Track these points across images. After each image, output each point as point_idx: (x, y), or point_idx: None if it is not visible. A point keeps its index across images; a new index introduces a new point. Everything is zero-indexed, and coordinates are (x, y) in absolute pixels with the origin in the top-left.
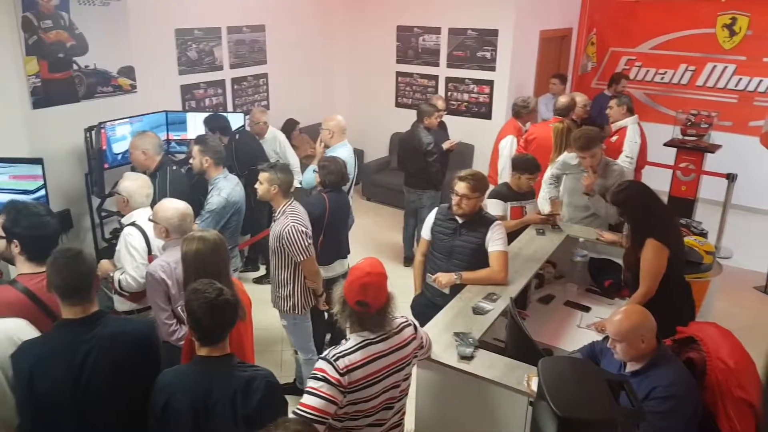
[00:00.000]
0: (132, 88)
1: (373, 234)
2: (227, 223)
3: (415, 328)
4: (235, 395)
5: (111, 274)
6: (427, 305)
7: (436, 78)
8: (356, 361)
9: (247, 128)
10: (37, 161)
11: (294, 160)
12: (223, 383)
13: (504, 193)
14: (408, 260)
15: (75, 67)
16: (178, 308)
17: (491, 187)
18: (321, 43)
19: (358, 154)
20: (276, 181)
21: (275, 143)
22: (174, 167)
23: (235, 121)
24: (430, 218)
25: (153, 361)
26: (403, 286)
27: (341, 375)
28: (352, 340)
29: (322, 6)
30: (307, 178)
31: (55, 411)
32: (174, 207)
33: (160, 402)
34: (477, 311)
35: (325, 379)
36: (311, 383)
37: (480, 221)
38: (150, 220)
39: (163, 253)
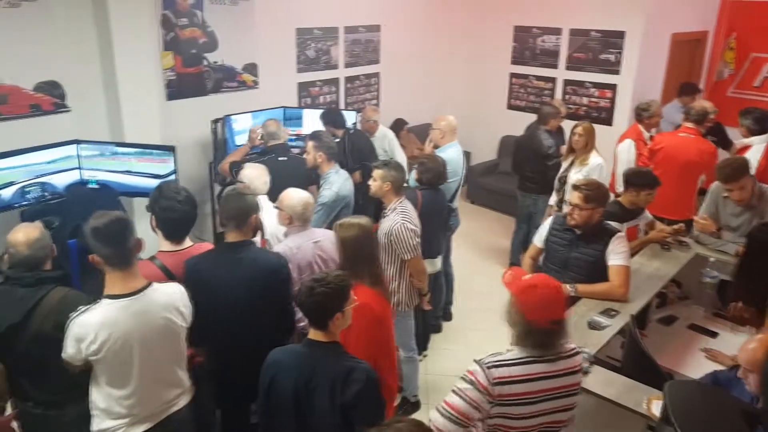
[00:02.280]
0: (254, 84)
1: (476, 238)
2: (337, 216)
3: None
4: (335, 383)
5: None
6: None
7: (553, 80)
8: (513, 375)
9: (359, 126)
10: (170, 149)
11: (402, 159)
12: (325, 369)
13: (618, 214)
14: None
15: (205, 62)
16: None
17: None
18: (433, 43)
19: (465, 155)
20: (389, 178)
21: (384, 141)
22: (280, 158)
23: (347, 118)
24: (545, 227)
25: (278, 287)
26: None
27: (492, 385)
28: (515, 351)
29: (437, 6)
30: (414, 177)
31: (213, 313)
32: (298, 196)
33: (267, 376)
34: (593, 326)
35: (472, 383)
36: (459, 383)
37: (600, 233)
38: (275, 207)
39: (285, 238)
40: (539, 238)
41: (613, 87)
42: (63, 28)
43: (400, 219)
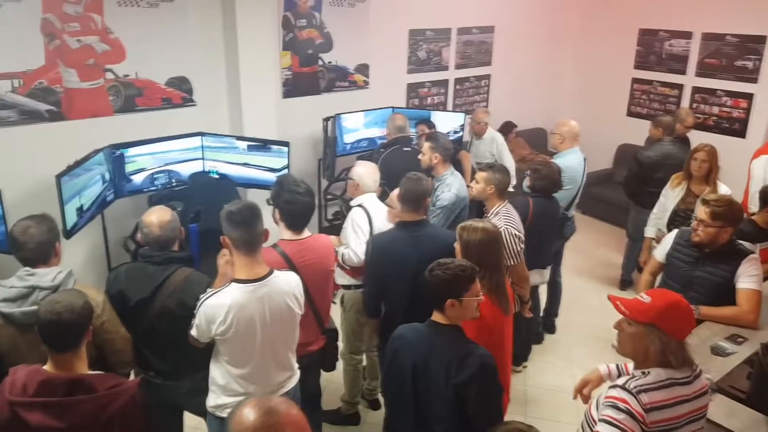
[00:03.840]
0: (365, 84)
1: (585, 250)
2: (456, 218)
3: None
4: (450, 364)
5: (337, 249)
6: None
7: (680, 87)
8: (660, 400)
9: (467, 128)
10: (285, 144)
11: (510, 163)
12: (443, 350)
13: (752, 234)
14: (625, 284)
15: (320, 62)
16: None
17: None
18: (549, 45)
19: (585, 163)
20: (493, 181)
21: (492, 145)
22: (404, 148)
23: (455, 120)
24: (668, 241)
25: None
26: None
27: (645, 411)
28: (653, 374)
29: (556, 7)
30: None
31: (394, 285)
32: None
33: (392, 349)
34: (716, 351)
35: (628, 412)
36: (610, 412)
37: (730, 253)
38: (386, 204)
39: None
40: (661, 253)
41: (749, 96)
42: (194, 27)
43: (503, 223)
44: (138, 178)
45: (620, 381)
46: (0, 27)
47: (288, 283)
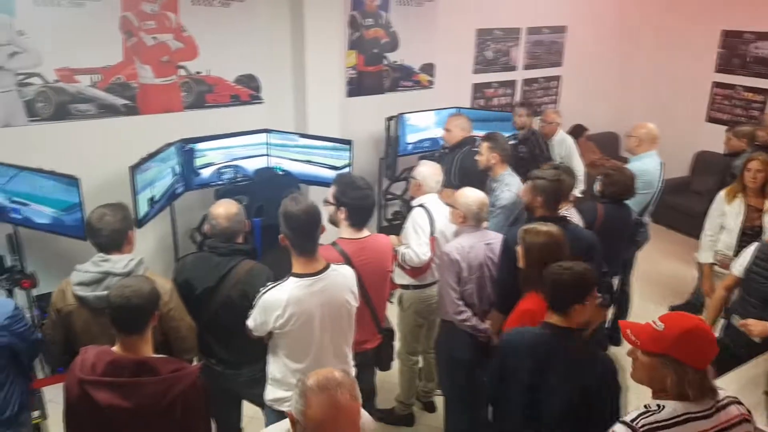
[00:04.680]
0: (429, 84)
1: (654, 261)
2: (516, 219)
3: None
4: (575, 366)
5: (396, 248)
6: (722, 351)
7: (765, 92)
8: None
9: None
10: (347, 142)
11: (579, 167)
12: (566, 353)
13: None
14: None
15: (385, 62)
16: (466, 291)
17: None
18: (624, 46)
19: (662, 167)
20: None
21: (562, 147)
22: (474, 149)
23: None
24: (747, 254)
25: (592, 257)
26: None
27: None
28: (668, 409)
29: (633, 6)
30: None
31: None
32: (474, 195)
33: (500, 353)
34: None
35: None
36: None
37: None
38: (449, 205)
39: (456, 237)
40: (739, 267)
41: None
42: (263, 26)
43: None
44: (206, 172)
45: (629, 417)
46: (82, 25)
47: (344, 276)
